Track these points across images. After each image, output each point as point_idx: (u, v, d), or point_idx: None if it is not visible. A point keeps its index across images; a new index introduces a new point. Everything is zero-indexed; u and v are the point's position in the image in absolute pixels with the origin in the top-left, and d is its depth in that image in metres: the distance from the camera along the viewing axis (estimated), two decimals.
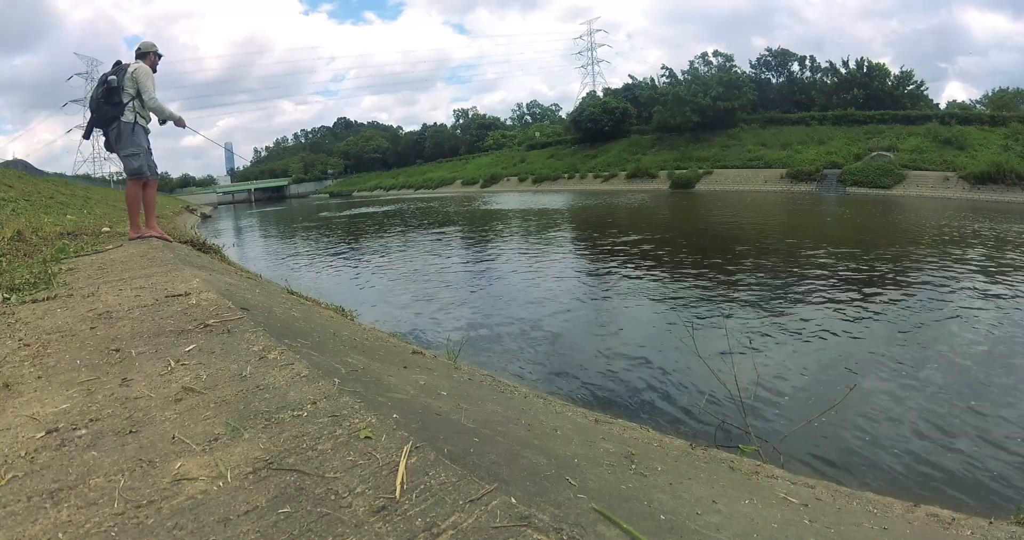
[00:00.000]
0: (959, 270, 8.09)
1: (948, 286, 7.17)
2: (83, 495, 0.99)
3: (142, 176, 4.55)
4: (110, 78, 4.38)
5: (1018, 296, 6.59)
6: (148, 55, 4.59)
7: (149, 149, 4.67)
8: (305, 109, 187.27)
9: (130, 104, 4.40)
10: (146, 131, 4.59)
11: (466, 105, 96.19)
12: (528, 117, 78.22)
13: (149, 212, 4.83)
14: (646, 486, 1.45)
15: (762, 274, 8.24)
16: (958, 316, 5.92)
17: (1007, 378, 4.24)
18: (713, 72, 40.63)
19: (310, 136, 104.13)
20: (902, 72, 36.56)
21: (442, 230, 17.31)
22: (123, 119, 4.41)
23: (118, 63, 4.53)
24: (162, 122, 4.75)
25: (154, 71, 4.64)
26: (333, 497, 0.97)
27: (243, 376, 1.51)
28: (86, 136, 4.75)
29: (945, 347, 5.01)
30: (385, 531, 0.88)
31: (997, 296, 6.62)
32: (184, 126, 4.86)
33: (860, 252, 9.84)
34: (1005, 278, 7.55)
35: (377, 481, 1.01)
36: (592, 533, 0.96)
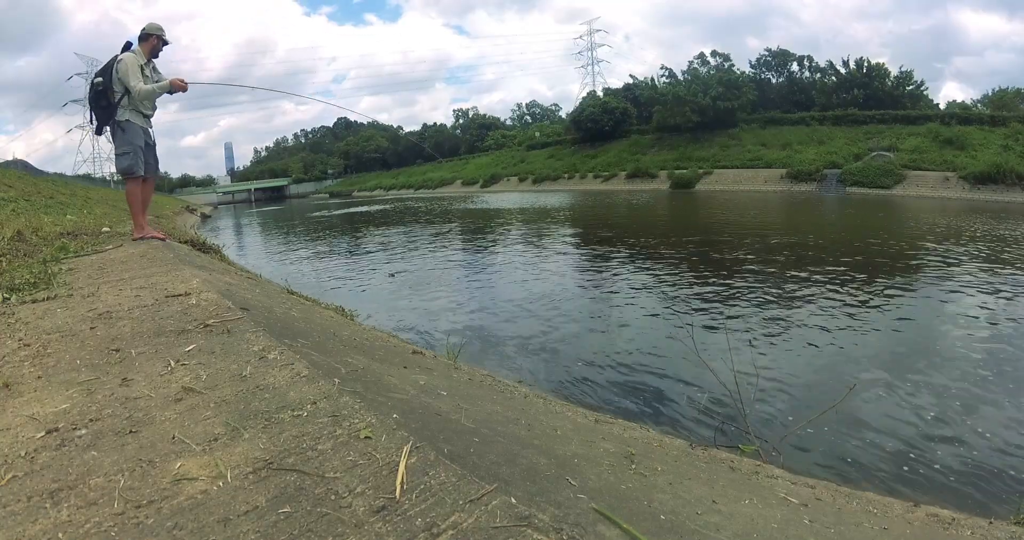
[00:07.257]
0: (959, 270, 8.09)
1: (948, 286, 7.17)
2: (83, 495, 0.99)
3: (131, 174, 4.41)
4: (96, 80, 4.26)
5: (1019, 296, 6.59)
6: (150, 37, 4.40)
7: (150, 145, 4.54)
8: (305, 109, 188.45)
9: (122, 101, 4.26)
10: (143, 127, 4.43)
11: (466, 105, 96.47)
12: (528, 117, 78.38)
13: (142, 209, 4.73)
14: (646, 486, 1.45)
15: (762, 274, 8.24)
16: (958, 316, 5.92)
17: (1008, 378, 4.24)
18: (712, 72, 40.67)
19: (310, 136, 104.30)
20: (902, 72, 36.63)
21: (442, 230, 17.30)
22: (117, 117, 4.28)
23: (127, 45, 4.36)
24: (171, 93, 4.52)
25: (155, 56, 4.47)
26: (333, 497, 0.97)
27: (243, 376, 1.51)
28: (98, 132, 4.53)
29: (945, 347, 5.01)
30: (385, 531, 0.87)
31: (998, 296, 6.62)
32: (185, 89, 4.49)
33: (860, 252, 9.84)
34: (1006, 278, 7.55)
35: (377, 481, 1.01)
36: (592, 533, 0.96)
